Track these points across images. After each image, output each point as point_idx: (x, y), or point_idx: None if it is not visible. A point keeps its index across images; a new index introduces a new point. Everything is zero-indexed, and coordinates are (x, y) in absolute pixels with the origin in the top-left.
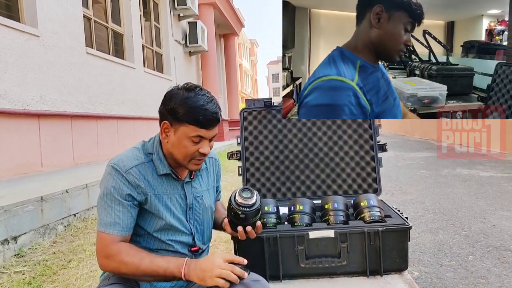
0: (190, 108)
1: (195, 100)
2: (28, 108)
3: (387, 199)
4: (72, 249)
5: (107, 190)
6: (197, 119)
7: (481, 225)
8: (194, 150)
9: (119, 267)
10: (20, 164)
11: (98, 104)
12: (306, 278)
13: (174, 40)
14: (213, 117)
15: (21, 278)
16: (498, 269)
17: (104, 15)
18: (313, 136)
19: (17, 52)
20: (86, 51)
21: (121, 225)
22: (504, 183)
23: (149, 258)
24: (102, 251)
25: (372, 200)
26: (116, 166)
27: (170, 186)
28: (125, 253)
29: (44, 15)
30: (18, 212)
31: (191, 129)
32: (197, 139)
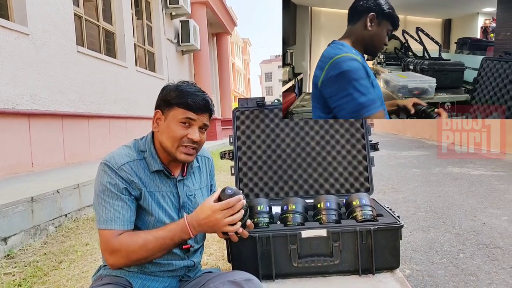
0: (180, 92)
1: (187, 87)
2: (18, 108)
3: (380, 197)
4: (63, 250)
5: (103, 186)
6: (186, 101)
7: (471, 223)
8: (182, 135)
9: (128, 257)
10: (10, 164)
11: (89, 103)
12: (299, 277)
13: (166, 39)
14: (202, 102)
15: (11, 279)
16: (488, 266)
17: (96, 14)
18: (305, 136)
19: (6, 51)
20: (77, 50)
21: (122, 219)
22: (494, 181)
23: (151, 235)
24: (107, 248)
25: (364, 199)
26: (108, 163)
27: (162, 183)
28: (129, 242)
29: (34, 13)
30: (8, 212)
31: (180, 111)
32: (186, 120)
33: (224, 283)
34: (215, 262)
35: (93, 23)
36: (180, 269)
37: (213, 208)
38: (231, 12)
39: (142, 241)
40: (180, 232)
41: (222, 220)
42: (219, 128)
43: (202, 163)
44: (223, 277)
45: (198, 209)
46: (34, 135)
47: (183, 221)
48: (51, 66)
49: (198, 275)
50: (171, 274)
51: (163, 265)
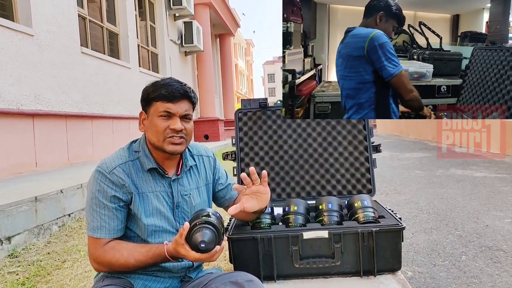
0: (155, 87)
1: (162, 81)
2: (23, 108)
3: (382, 199)
4: (67, 250)
5: (92, 194)
6: (161, 93)
7: (474, 225)
8: (164, 127)
9: (110, 269)
10: (15, 164)
11: (93, 104)
12: (300, 278)
13: (169, 40)
14: (177, 90)
15: (15, 278)
16: (491, 269)
17: (99, 15)
18: (307, 137)
19: (11, 52)
20: (81, 51)
21: (107, 229)
22: (497, 183)
23: (133, 258)
24: (92, 255)
25: (366, 201)
26: (100, 169)
27: (156, 183)
28: (111, 257)
29: (38, 15)
30: (12, 212)
31: (159, 105)
32: (165, 114)
33: (226, 283)
34: (217, 263)
35: (97, 24)
36: (179, 270)
37: (187, 253)
38: (234, 13)
39: (123, 261)
40: (161, 260)
41: (198, 260)
42: (221, 129)
43: (200, 162)
44: (225, 277)
45: (174, 243)
46: (38, 135)
47: (163, 251)
48: (55, 67)
49: (199, 276)
50: (172, 274)
51: (160, 266)
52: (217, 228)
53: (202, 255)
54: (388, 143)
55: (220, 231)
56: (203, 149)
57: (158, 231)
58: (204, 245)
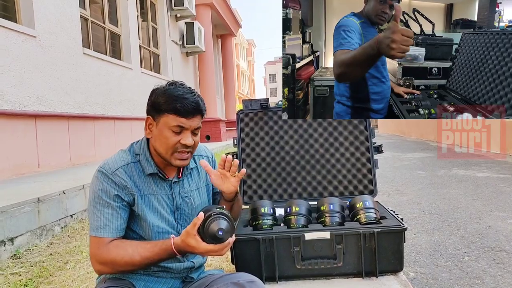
0: (169, 97)
1: (175, 90)
2: (25, 109)
3: (384, 200)
4: (69, 251)
5: (95, 193)
6: (175, 107)
7: (476, 226)
8: (175, 141)
9: (114, 269)
10: (17, 165)
11: (95, 105)
12: (302, 279)
13: (171, 41)
14: (192, 105)
15: (17, 279)
16: (493, 269)
17: (101, 16)
18: (309, 138)
19: (14, 53)
20: (83, 52)
21: (111, 227)
22: (500, 183)
23: (138, 254)
24: (95, 255)
25: (368, 202)
26: (102, 169)
27: (157, 186)
28: (115, 255)
29: (41, 16)
30: (15, 213)
31: (171, 118)
32: (178, 129)
33: (228, 284)
34: (219, 264)
35: (99, 25)
36: (181, 271)
37: (197, 244)
38: (235, 13)
39: (128, 258)
40: (167, 256)
41: (208, 252)
42: (223, 129)
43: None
44: (227, 278)
45: (184, 235)
46: (40, 136)
47: (170, 245)
48: (58, 68)
49: (201, 276)
50: (173, 275)
51: (162, 267)
52: (231, 219)
53: (213, 247)
54: (390, 144)
55: (233, 223)
56: (203, 150)
57: (162, 233)
58: (222, 232)
